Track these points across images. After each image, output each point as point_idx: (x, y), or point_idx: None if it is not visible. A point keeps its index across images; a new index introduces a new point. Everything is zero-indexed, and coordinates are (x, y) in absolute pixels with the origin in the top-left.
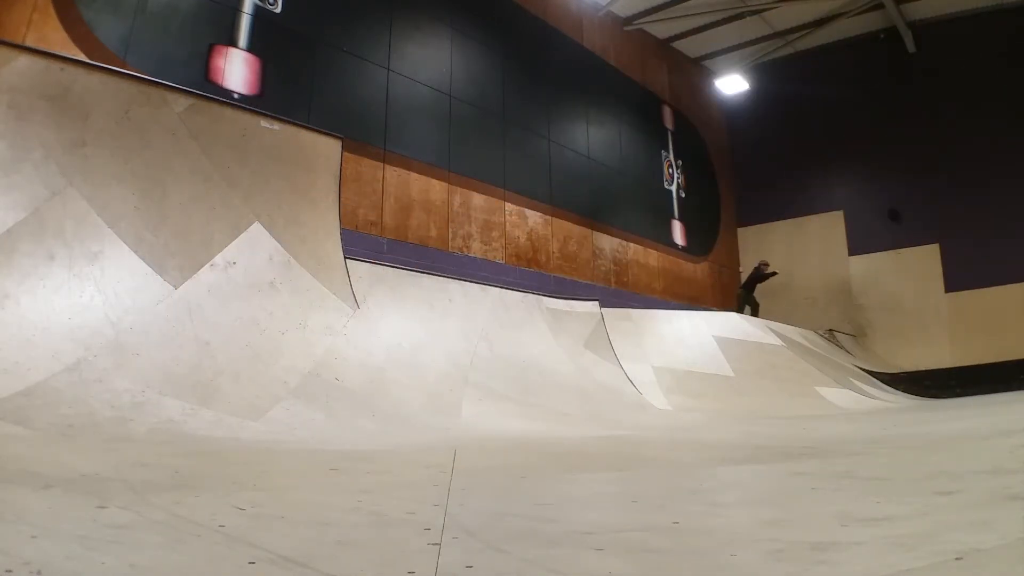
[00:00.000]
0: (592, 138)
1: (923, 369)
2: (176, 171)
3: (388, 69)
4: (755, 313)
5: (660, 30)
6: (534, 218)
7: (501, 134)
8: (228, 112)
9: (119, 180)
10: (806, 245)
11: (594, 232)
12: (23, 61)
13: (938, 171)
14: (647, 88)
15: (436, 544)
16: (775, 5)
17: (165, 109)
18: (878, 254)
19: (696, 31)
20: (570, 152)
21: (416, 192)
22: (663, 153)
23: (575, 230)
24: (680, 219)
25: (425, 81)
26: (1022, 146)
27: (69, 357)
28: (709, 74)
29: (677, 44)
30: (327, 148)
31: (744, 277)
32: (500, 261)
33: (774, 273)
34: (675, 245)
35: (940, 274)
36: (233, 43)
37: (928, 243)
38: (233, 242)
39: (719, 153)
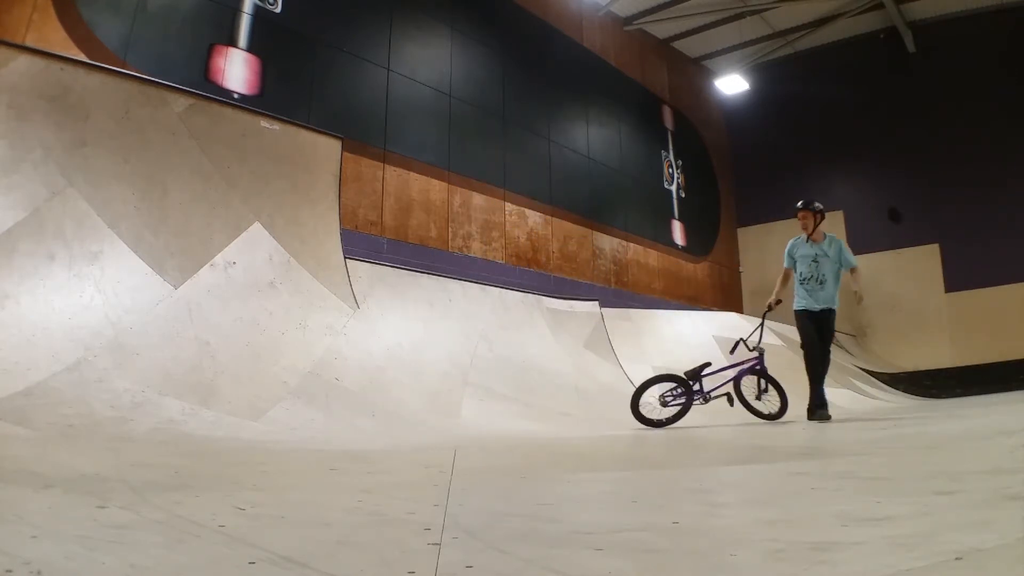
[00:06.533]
0: (592, 138)
1: (923, 369)
2: (176, 171)
3: (388, 69)
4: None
5: (660, 30)
6: (534, 218)
7: (501, 134)
8: (228, 112)
9: (119, 180)
10: None
11: (594, 232)
12: (23, 61)
13: (938, 171)
14: (647, 88)
15: (436, 544)
16: (775, 5)
17: (165, 109)
18: (878, 254)
19: (696, 31)
20: (570, 152)
21: (416, 192)
22: (663, 153)
23: (575, 230)
24: (680, 219)
25: (425, 81)
26: (1022, 146)
27: (69, 357)
28: (709, 74)
29: (677, 44)
30: (327, 148)
31: (743, 277)
32: (500, 261)
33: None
34: (675, 245)
35: (940, 274)
36: (233, 43)
37: (928, 243)
38: (233, 242)
39: (719, 153)
